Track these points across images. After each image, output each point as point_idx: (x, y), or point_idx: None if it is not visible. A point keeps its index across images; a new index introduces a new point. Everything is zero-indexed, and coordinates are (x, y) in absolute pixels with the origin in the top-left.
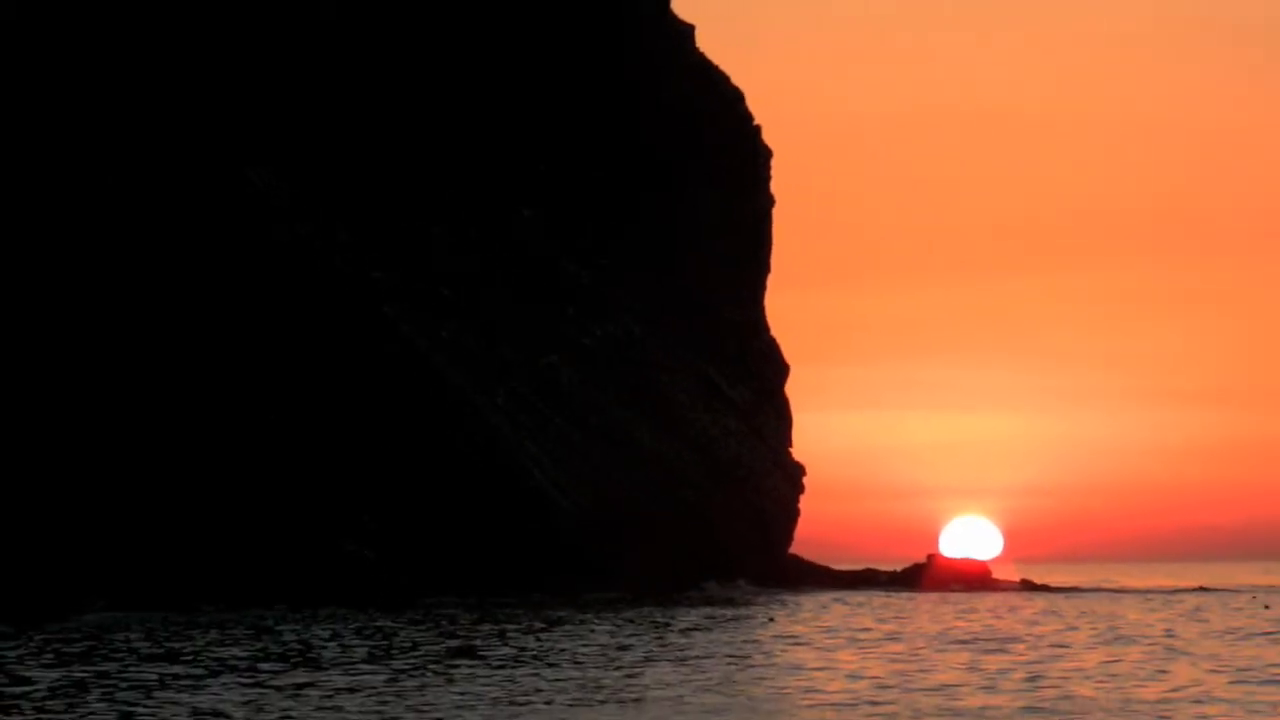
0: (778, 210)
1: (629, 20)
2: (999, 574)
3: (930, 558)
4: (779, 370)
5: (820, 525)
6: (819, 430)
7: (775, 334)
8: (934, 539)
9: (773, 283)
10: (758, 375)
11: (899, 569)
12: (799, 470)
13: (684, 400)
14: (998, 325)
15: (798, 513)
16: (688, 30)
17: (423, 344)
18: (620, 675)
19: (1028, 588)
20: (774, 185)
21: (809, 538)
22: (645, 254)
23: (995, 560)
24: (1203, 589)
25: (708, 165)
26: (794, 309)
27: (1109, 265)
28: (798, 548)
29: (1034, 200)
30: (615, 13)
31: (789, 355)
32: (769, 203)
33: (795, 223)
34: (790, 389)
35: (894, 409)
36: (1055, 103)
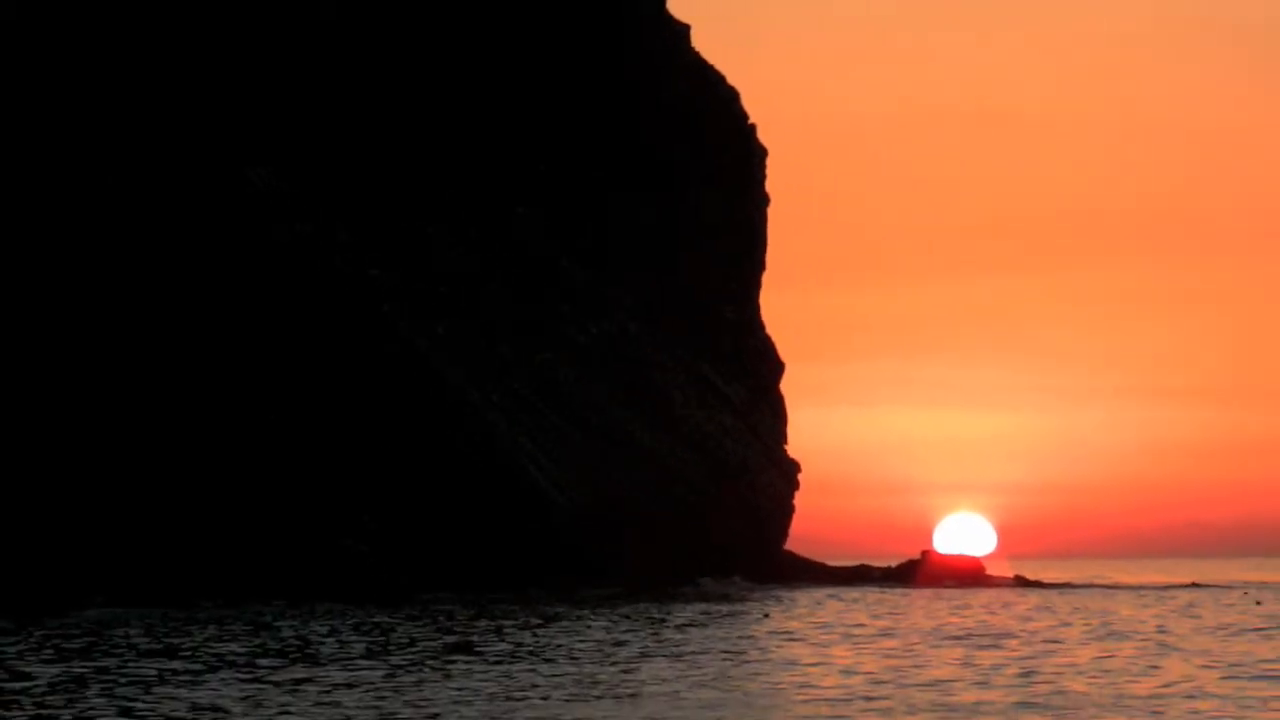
0: (776, 209)
1: (628, 20)
2: (993, 570)
3: (924, 554)
4: (774, 367)
5: (815, 521)
6: (814, 427)
7: (771, 331)
8: (928, 535)
9: (770, 281)
10: (753, 372)
11: (893, 565)
12: (794, 467)
13: (680, 397)
14: (992, 323)
15: (793, 509)
16: (683, 30)
17: (421, 342)
18: (616, 671)
19: (1021, 584)
20: (772, 184)
21: (804, 534)
22: (641, 252)
23: (989, 556)
24: (1195, 585)
25: (704, 165)
26: (791, 306)
27: (1105, 264)
28: (793, 544)
29: (1030, 199)
30: (614, 13)
31: (784, 353)
32: (764, 201)
33: (793, 221)
34: (785, 386)
35: (888, 406)
36: (1055, 103)
